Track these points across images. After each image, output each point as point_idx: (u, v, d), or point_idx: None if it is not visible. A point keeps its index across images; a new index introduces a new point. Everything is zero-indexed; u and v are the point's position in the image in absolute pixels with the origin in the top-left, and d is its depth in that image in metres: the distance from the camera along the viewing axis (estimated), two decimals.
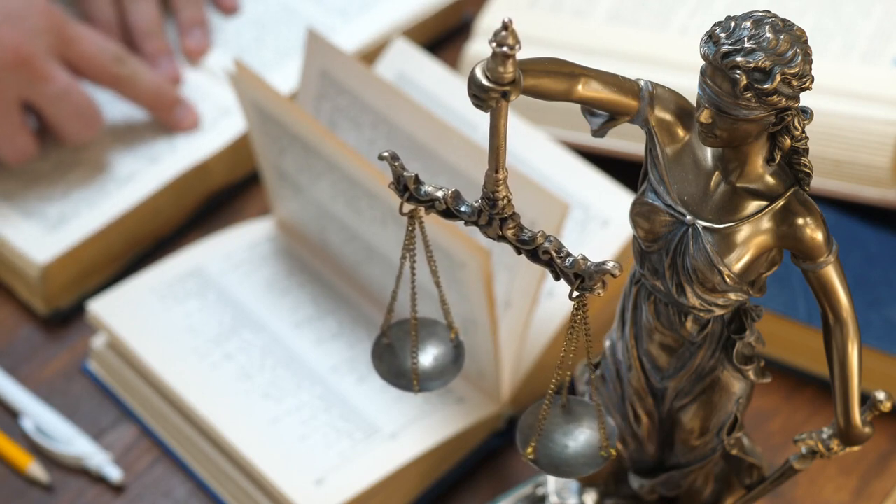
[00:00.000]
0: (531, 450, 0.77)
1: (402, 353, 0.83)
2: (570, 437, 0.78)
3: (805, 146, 0.73)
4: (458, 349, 0.83)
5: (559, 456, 0.78)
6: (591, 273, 0.72)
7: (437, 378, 0.82)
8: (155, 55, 1.19)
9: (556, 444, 0.78)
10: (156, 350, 1.05)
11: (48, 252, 1.10)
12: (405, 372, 0.82)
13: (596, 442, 0.78)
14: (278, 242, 1.12)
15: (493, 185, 0.72)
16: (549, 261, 0.73)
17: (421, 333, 0.83)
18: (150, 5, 1.20)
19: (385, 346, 0.83)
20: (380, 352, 0.83)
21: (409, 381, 0.82)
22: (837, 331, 0.77)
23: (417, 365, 0.82)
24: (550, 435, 0.78)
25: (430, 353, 0.83)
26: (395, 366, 0.82)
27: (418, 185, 0.75)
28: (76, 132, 1.13)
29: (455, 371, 0.82)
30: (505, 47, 0.66)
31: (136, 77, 1.15)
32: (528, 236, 0.74)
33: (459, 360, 0.83)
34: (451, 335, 0.83)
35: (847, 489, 1.01)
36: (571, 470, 0.78)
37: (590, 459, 0.78)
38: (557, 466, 0.78)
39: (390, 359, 0.83)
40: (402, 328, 0.83)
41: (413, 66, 1.12)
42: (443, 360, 0.83)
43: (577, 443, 0.78)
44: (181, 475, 1.03)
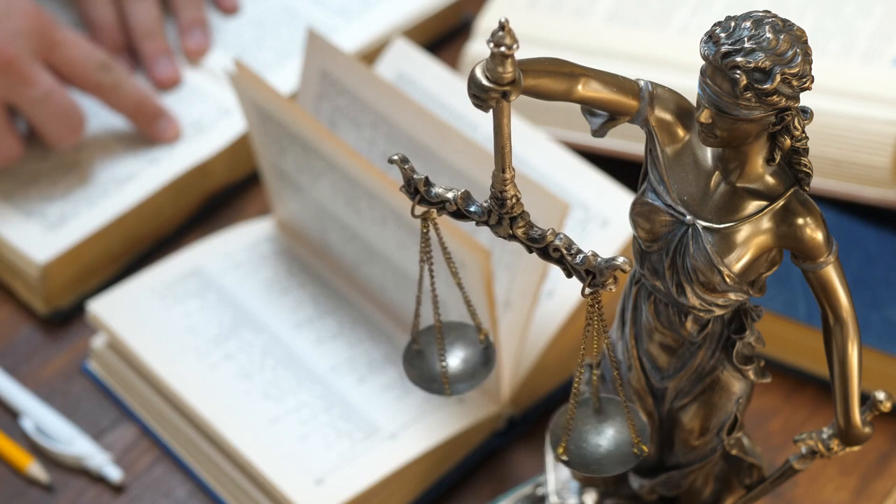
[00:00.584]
0: (563, 450, 0.78)
1: (432, 358, 0.83)
2: (602, 435, 0.78)
3: (805, 146, 0.73)
4: (487, 350, 0.83)
5: (592, 455, 0.78)
6: (601, 269, 0.72)
7: (468, 380, 0.83)
8: (154, 56, 1.19)
9: (589, 443, 0.78)
10: (156, 350, 1.05)
11: (48, 252, 1.10)
12: (436, 376, 0.82)
13: (627, 439, 0.78)
14: (278, 242, 1.12)
15: (500, 185, 0.72)
16: (560, 258, 0.73)
17: (451, 336, 0.83)
18: (150, 6, 1.20)
19: (416, 351, 0.83)
20: (411, 358, 0.83)
21: (440, 385, 0.82)
22: (837, 331, 0.77)
23: (447, 368, 0.82)
24: (582, 434, 0.78)
25: (459, 356, 0.83)
26: (426, 371, 0.83)
27: (429, 186, 0.75)
28: (58, 136, 1.13)
29: (486, 372, 0.83)
30: (503, 47, 0.66)
31: (119, 86, 1.14)
32: (537, 234, 0.74)
33: (490, 361, 0.83)
34: (479, 336, 0.83)
35: (847, 489, 1.01)
36: (603, 469, 0.78)
37: (622, 458, 0.78)
38: (589, 465, 0.78)
39: (421, 364, 0.83)
40: (430, 333, 0.83)
41: (413, 66, 1.12)
42: (472, 362, 0.83)
43: (609, 441, 0.78)
44: (181, 475, 1.03)
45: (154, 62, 1.19)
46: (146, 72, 1.20)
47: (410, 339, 0.83)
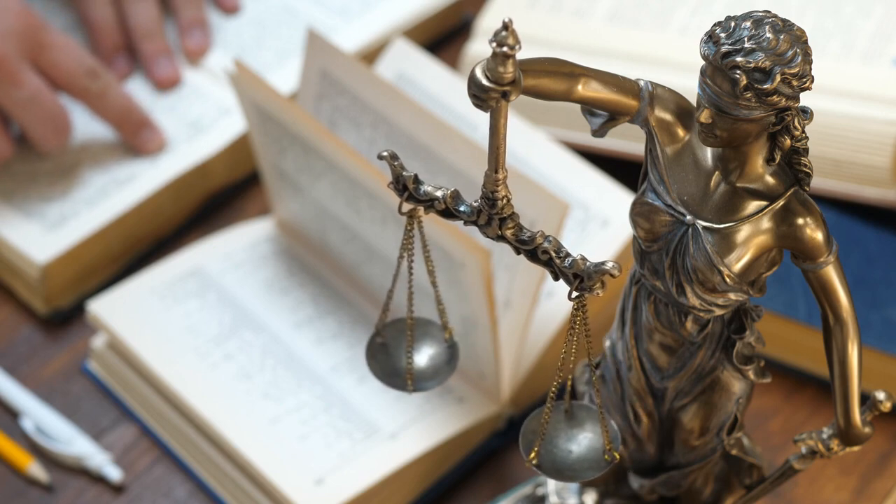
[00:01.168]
0: (534, 455, 0.77)
1: (396, 353, 0.83)
2: (573, 441, 0.78)
3: (805, 146, 0.73)
4: (452, 349, 0.83)
5: (563, 461, 0.78)
6: (590, 273, 0.72)
7: (432, 378, 0.82)
8: (153, 56, 1.19)
9: (560, 448, 0.78)
10: (156, 350, 1.05)
11: (48, 252, 1.10)
12: (399, 371, 0.82)
13: (599, 446, 0.78)
14: (278, 242, 1.12)
15: (492, 185, 0.72)
16: (549, 261, 0.73)
17: (415, 333, 0.83)
18: (149, 6, 1.20)
19: (379, 345, 0.83)
20: (374, 351, 0.83)
21: (403, 381, 0.82)
22: (837, 331, 0.77)
23: (412, 365, 0.82)
24: (554, 440, 0.78)
25: (424, 353, 0.83)
26: (389, 365, 0.82)
27: (417, 184, 0.75)
28: (44, 139, 1.13)
29: (449, 371, 0.82)
30: (505, 47, 0.66)
31: (105, 94, 1.14)
32: (527, 236, 0.74)
33: (454, 360, 0.83)
34: (445, 335, 0.83)
35: (847, 489, 1.01)
36: (575, 474, 0.78)
37: (594, 463, 0.78)
38: (561, 471, 0.78)
39: (384, 358, 0.83)
40: (396, 327, 0.83)
41: (413, 66, 1.12)
42: (437, 361, 0.83)
43: (581, 447, 0.78)
44: (181, 475, 1.03)
45: (153, 62, 1.19)
46: (146, 72, 1.20)
47: (374, 332, 0.83)
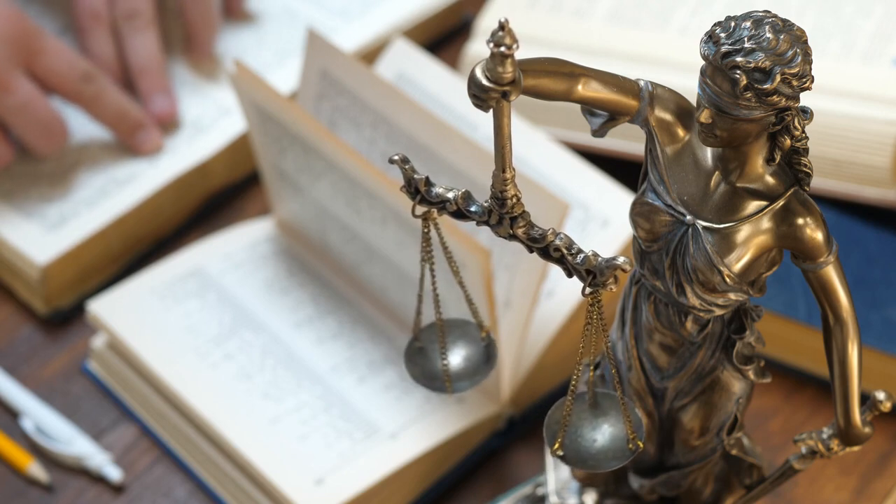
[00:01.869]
0: (558, 445, 0.78)
1: (433, 356, 0.83)
2: (597, 431, 0.78)
3: (805, 146, 0.73)
4: (489, 348, 0.83)
5: (587, 450, 0.78)
6: (602, 269, 0.72)
7: (469, 377, 0.83)
8: (149, 93, 1.17)
9: (584, 438, 0.78)
10: (156, 350, 1.05)
11: (48, 252, 1.10)
12: (437, 374, 0.82)
13: (623, 435, 0.78)
14: (278, 242, 1.12)
15: (501, 185, 0.73)
16: (561, 258, 0.73)
17: (453, 334, 0.83)
18: (148, 41, 1.18)
19: (417, 349, 0.83)
20: (412, 355, 0.83)
21: (441, 383, 0.82)
22: (837, 331, 0.77)
23: (448, 366, 0.82)
24: (578, 430, 0.78)
25: (460, 354, 0.83)
26: (427, 368, 0.83)
27: (429, 186, 0.75)
28: (38, 145, 1.12)
29: (487, 369, 0.83)
30: (502, 47, 0.66)
31: (100, 97, 1.13)
32: (538, 234, 0.74)
33: (491, 358, 0.83)
34: (481, 334, 0.83)
35: (847, 489, 1.01)
36: (599, 464, 0.78)
37: (618, 453, 0.78)
38: (585, 461, 0.78)
39: (422, 362, 0.83)
40: (432, 331, 0.83)
41: (413, 66, 1.12)
42: (474, 360, 0.83)
43: (605, 437, 0.78)
44: (181, 475, 1.03)
45: (149, 99, 1.17)
46: (143, 108, 1.18)
47: (412, 337, 0.83)
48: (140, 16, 1.17)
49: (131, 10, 1.17)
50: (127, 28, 1.17)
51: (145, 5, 1.17)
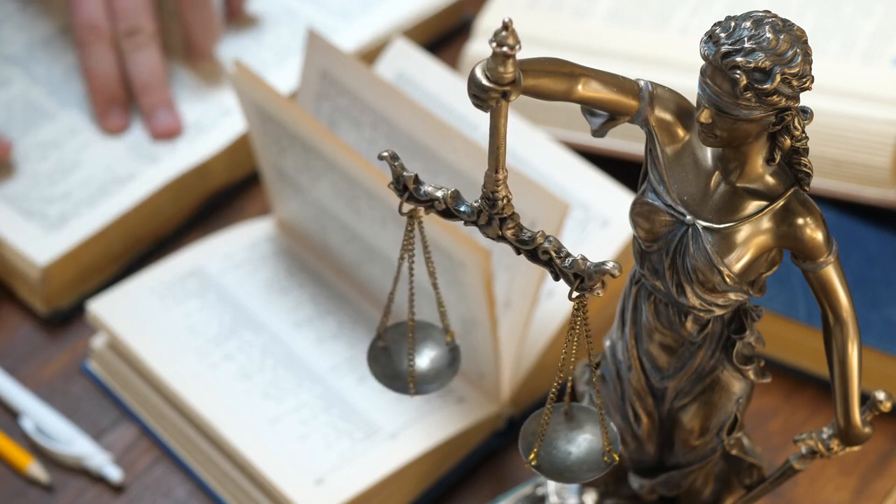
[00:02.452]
0: (534, 456, 0.77)
1: (397, 356, 0.83)
2: (572, 443, 0.78)
3: (805, 146, 0.73)
4: (453, 352, 0.83)
5: (562, 462, 0.78)
6: (590, 273, 0.72)
7: (433, 381, 0.82)
8: (151, 109, 1.17)
9: (559, 450, 0.78)
10: (156, 350, 1.05)
11: (48, 252, 1.10)
12: (401, 374, 0.82)
13: (599, 447, 0.78)
14: (278, 242, 1.12)
15: (492, 185, 0.72)
16: (549, 261, 0.73)
17: (417, 336, 0.83)
18: (150, 57, 1.17)
19: (381, 348, 0.83)
20: (375, 354, 0.83)
21: (404, 384, 0.82)
22: (837, 331, 0.77)
23: (414, 368, 0.82)
24: (553, 441, 0.78)
25: (425, 356, 0.83)
26: (390, 368, 0.82)
27: (418, 185, 0.75)
28: None
29: (450, 374, 0.82)
30: (505, 47, 0.66)
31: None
32: (527, 236, 0.74)
33: (455, 363, 0.83)
34: (447, 338, 0.83)
35: (847, 489, 1.01)
36: (574, 476, 0.78)
37: (593, 465, 0.77)
38: (561, 472, 0.78)
39: (386, 361, 0.83)
40: (397, 330, 0.83)
41: (413, 66, 1.12)
42: (438, 364, 0.83)
43: (580, 449, 0.78)
44: (181, 475, 1.03)
45: (151, 115, 1.16)
46: (145, 124, 1.18)
47: (375, 336, 0.83)
48: (141, 32, 1.16)
49: (132, 26, 1.16)
50: (128, 44, 1.17)
51: (146, 21, 1.16)
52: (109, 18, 1.17)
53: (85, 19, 1.16)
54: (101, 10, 1.16)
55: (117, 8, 1.16)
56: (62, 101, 1.19)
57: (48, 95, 1.19)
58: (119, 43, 1.17)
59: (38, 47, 1.22)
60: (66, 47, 1.22)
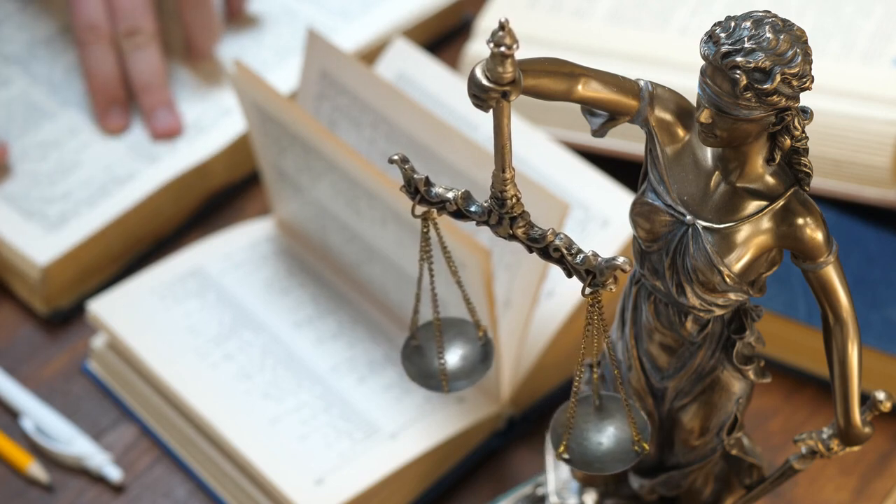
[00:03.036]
0: (564, 448, 0.78)
1: (430, 354, 0.83)
2: (602, 433, 0.78)
3: (805, 146, 0.73)
4: (486, 347, 0.83)
5: (593, 453, 0.78)
6: (601, 269, 0.72)
7: (466, 377, 0.83)
8: (151, 109, 1.16)
9: (590, 441, 0.78)
10: (156, 350, 1.05)
11: (48, 252, 1.10)
12: (434, 373, 0.82)
13: (628, 437, 0.78)
14: (278, 242, 1.12)
15: (500, 185, 0.73)
16: (560, 258, 0.73)
17: (450, 333, 0.83)
18: (151, 57, 1.17)
19: (414, 347, 0.83)
20: (409, 353, 0.83)
21: (438, 382, 0.82)
22: (837, 331, 0.77)
23: (445, 365, 0.82)
24: (583, 433, 0.78)
25: (458, 353, 0.83)
26: (424, 367, 0.83)
27: (429, 186, 0.75)
28: None
29: (484, 369, 0.83)
30: (503, 47, 0.66)
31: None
32: (538, 234, 0.74)
33: (488, 358, 0.83)
34: (478, 333, 0.83)
35: (847, 489, 1.01)
36: (605, 466, 0.78)
37: (623, 455, 0.78)
38: (591, 463, 0.78)
39: (419, 360, 0.83)
40: (429, 329, 0.83)
41: (413, 66, 1.12)
42: (471, 359, 0.83)
43: (610, 439, 0.78)
44: (181, 475, 1.03)
45: (151, 115, 1.16)
46: (145, 124, 1.17)
47: (409, 335, 0.83)
48: (141, 32, 1.16)
49: (132, 27, 1.16)
50: (128, 45, 1.17)
51: (146, 21, 1.16)
52: (109, 18, 1.16)
53: (85, 19, 1.16)
54: (100, 10, 1.16)
55: (117, 8, 1.16)
56: (63, 100, 1.19)
57: (48, 95, 1.19)
58: (119, 43, 1.17)
59: (39, 47, 1.22)
60: (66, 47, 1.22)
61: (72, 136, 1.17)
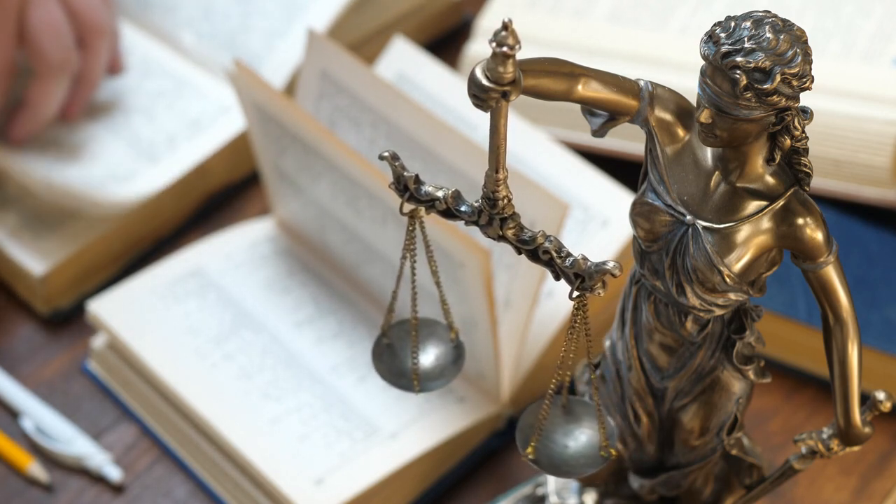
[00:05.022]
0: (531, 449, 0.78)
1: (402, 354, 0.83)
2: (570, 437, 0.78)
3: (805, 146, 0.73)
4: (458, 349, 0.83)
5: (559, 456, 0.78)
6: (591, 273, 0.72)
7: (438, 378, 0.82)
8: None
9: (557, 444, 0.78)
10: (156, 350, 1.05)
11: (49, 253, 1.10)
12: (405, 372, 0.82)
13: (596, 442, 0.78)
14: (278, 242, 1.12)
15: (493, 185, 0.72)
16: (549, 261, 0.73)
17: (421, 333, 0.83)
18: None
19: (385, 346, 0.83)
20: (380, 352, 0.83)
21: (409, 382, 0.82)
22: (837, 331, 0.77)
23: (418, 365, 0.82)
24: (550, 435, 0.78)
25: (430, 354, 0.83)
26: (395, 366, 0.83)
27: (418, 185, 0.75)
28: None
29: (455, 371, 0.83)
30: (505, 47, 0.66)
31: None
32: (528, 236, 0.74)
33: (460, 360, 0.83)
34: (451, 335, 0.83)
35: (847, 489, 1.01)
36: (571, 470, 0.78)
37: (590, 459, 0.78)
38: (558, 466, 0.78)
39: (390, 359, 0.83)
40: (402, 328, 0.83)
41: (413, 66, 1.13)
42: (443, 361, 0.83)
43: (578, 443, 0.78)
44: (181, 475, 1.04)
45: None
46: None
47: (380, 333, 0.83)
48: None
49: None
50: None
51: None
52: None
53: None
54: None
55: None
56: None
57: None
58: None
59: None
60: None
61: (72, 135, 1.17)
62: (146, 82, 1.20)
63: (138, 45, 1.21)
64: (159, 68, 1.20)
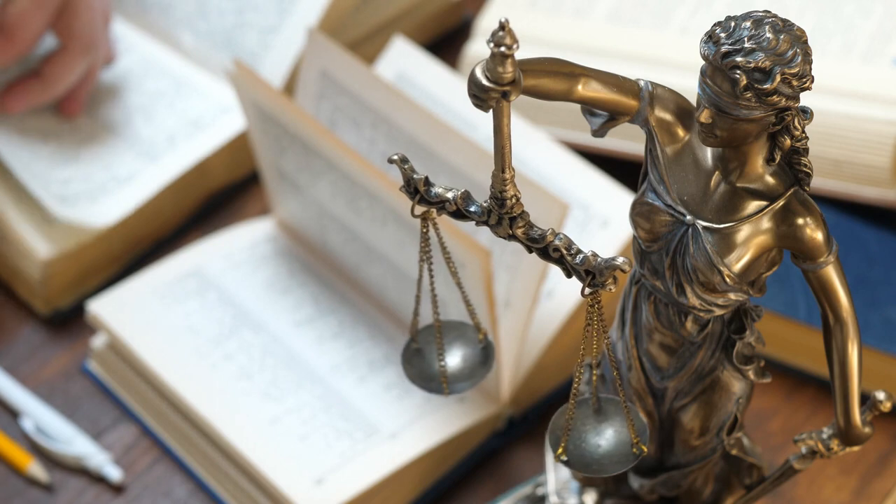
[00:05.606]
0: (562, 450, 0.78)
1: (430, 357, 0.83)
2: (601, 436, 0.78)
3: (805, 146, 0.73)
4: (486, 349, 0.83)
5: (591, 455, 0.78)
6: (601, 269, 0.72)
7: (466, 379, 0.83)
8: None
9: (588, 443, 0.78)
10: (156, 350, 1.05)
11: (49, 252, 1.10)
12: (434, 375, 0.83)
13: (627, 439, 0.78)
14: (278, 242, 1.12)
15: (500, 185, 0.73)
16: (560, 258, 0.73)
17: (450, 335, 0.83)
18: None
19: (414, 350, 0.83)
20: (409, 356, 0.83)
21: (438, 384, 0.82)
22: (837, 331, 0.77)
23: (445, 368, 0.82)
24: (581, 435, 0.78)
25: (458, 355, 0.83)
26: (424, 370, 0.83)
27: (428, 186, 0.75)
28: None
29: (484, 372, 0.83)
30: (503, 47, 0.66)
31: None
32: (537, 234, 0.74)
33: (489, 360, 0.83)
34: (479, 336, 0.83)
35: (847, 489, 1.01)
36: (603, 468, 0.78)
37: (622, 457, 0.78)
38: (589, 465, 0.78)
39: (419, 363, 0.83)
40: (429, 332, 0.84)
41: (413, 65, 1.13)
42: (471, 362, 0.83)
43: (609, 442, 0.78)
44: (181, 475, 1.04)
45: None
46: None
47: (409, 338, 0.84)
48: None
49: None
50: None
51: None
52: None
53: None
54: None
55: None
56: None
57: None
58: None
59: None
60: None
61: (72, 134, 1.17)
62: (146, 82, 1.20)
63: (138, 45, 1.21)
64: (159, 68, 1.20)
